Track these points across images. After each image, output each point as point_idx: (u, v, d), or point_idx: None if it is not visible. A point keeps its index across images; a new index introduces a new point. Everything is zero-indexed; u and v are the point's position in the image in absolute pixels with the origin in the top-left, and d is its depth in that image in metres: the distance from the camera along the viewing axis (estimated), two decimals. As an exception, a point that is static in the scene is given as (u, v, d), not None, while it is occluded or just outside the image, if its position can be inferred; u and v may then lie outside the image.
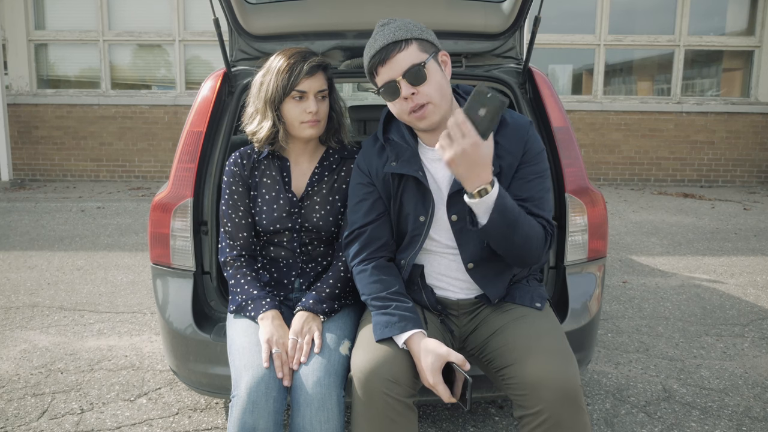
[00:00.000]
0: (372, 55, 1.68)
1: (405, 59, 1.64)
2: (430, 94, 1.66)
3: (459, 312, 1.83)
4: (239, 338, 1.79)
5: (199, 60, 9.19)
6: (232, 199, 2.01)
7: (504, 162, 1.75)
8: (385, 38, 1.66)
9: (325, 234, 2.01)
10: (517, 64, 2.56)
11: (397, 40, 1.65)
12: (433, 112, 1.68)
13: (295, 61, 1.88)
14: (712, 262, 4.77)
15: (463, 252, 1.77)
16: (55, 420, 2.41)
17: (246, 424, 1.59)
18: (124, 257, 4.86)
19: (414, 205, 1.78)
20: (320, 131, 1.96)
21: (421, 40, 1.68)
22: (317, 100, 1.90)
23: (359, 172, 1.87)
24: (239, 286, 1.93)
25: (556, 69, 9.28)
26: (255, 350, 1.72)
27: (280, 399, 1.64)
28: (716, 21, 9.11)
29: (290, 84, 1.86)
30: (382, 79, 1.68)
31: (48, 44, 9.14)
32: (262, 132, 1.92)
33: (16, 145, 9.00)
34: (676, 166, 9.00)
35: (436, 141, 1.76)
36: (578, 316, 2.13)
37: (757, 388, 2.70)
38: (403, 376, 1.57)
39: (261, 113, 1.92)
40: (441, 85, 1.69)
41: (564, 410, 1.50)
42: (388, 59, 1.65)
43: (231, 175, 2.02)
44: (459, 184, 1.71)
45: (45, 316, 3.55)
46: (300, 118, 1.90)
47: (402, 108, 1.69)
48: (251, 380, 1.63)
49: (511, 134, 1.77)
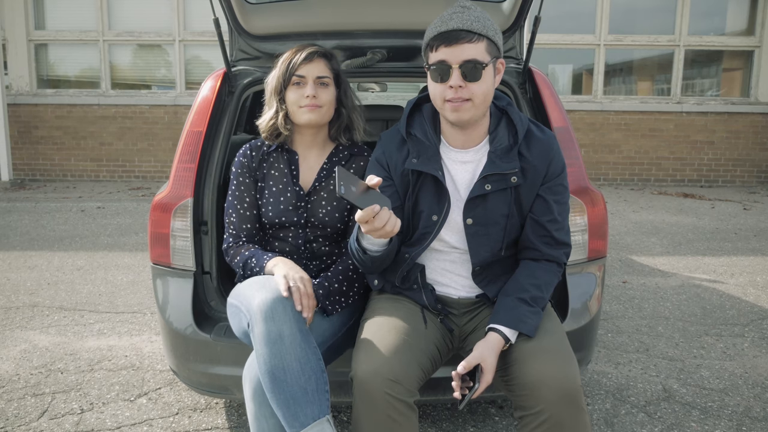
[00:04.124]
0: (441, 31, 1.65)
1: (470, 51, 1.63)
2: (476, 93, 1.66)
3: (459, 311, 1.83)
4: (248, 289, 1.76)
5: (199, 60, 9.19)
6: (238, 190, 2.03)
7: (527, 176, 1.75)
8: (462, 22, 1.64)
9: (330, 230, 2.01)
10: (517, 64, 2.56)
11: (473, 31, 1.63)
12: (468, 111, 1.68)
13: (295, 50, 1.96)
14: (712, 262, 4.77)
15: (474, 256, 1.77)
16: (55, 420, 2.41)
17: (271, 333, 1.57)
18: (124, 257, 4.86)
19: (429, 204, 1.77)
20: (320, 118, 1.96)
21: (491, 41, 1.67)
22: (316, 85, 1.94)
23: (376, 164, 1.84)
24: (240, 255, 1.95)
25: (556, 69, 9.28)
26: (265, 280, 1.71)
27: (299, 318, 1.62)
28: (716, 21, 9.11)
29: (289, 70, 1.92)
30: (437, 56, 1.66)
31: (48, 44, 9.13)
32: (266, 121, 2.00)
33: (16, 145, 8.99)
34: (676, 166, 9.00)
35: (460, 140, 1.78)
36: (578, 316, 2.13)
37: (757, 388, 2.70)
38: (405, 375, 1.57)
39: (268, 104, 2.00)
40: (488, 89, 1.69)
41: (564, 410, 1.50)
42: (455, 43, 1.63)
43: (239, 166, 2.05)
44: (478, 189, 1.72)
45: (45, 316, 3.55)
46: (298, 102, 1.94)
47: (442, 93, 1.68)
48: (264, 300, 1.62)
49: (536, 145, 1.77)
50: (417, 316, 1.78)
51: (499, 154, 1.74)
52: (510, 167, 1.72)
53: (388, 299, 1.83)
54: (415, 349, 1.65)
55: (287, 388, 1.53)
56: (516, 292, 1.70)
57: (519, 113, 1.81)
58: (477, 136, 1.78)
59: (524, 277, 1.75)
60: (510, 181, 1.73)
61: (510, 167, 1.72)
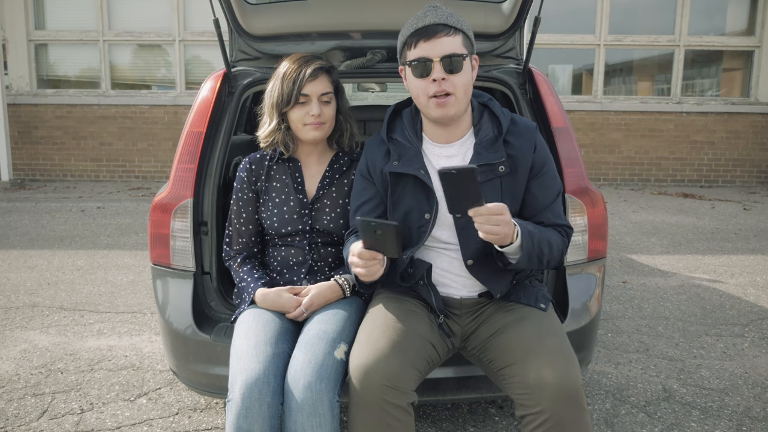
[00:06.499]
0: (418, 27, 1.68)
1: (449, 44, 1.67)
2: (458, 86, 1.68)
3: (462, 311, 1.83)
4: (239, 340, 1.80)
5: (199, 60, 9.19)
6: (237, 204, 2.09)
7: (516, 162, 1.77)
8: (437, 17, 1.68)
9: (336, 236, 2.03)
10: (517, 64, 2.56)
11: (449, 24, 1.68)
12: (452, 105, 1.70)
13: (298, 66, 1.94)
14: (712, 262, 4.77)
15: (464, 248, 1.78)
16: (55, 420, 2.41)
17: (240, 429, 1.59)
18: (124, 257, 4.86)
19: (418, 203, 1.79)
20: (324, 134, 2.00)
21: (466, 36, 1.72)
22: (321, 103, 1.95)
23: (361, 179, 1.90)
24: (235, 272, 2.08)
25: (556, 69, 9.28)
26: (251, 353, 1.71)
27: (275, 404, 1.63)
28: (716, 21, 9.11)
29: (294, 91, 1.92)
30: (417, 53, 1.68)
31: (48, 44, 9.13)
32: (266, 134, 2.01)
33: (16, 145, 8.99)
34: (676, 166, 9.00)
35: (443, 137, 1.80)
36: (578, 317, 2.14)
37: (757, 388, 2.70)
38: (401, 379, 1.57)
39: (269, 116, 2.01)
40: (468, 82, 1.72)
41: (566, 410, 1.51)
42: (433, 37, 1.66)
43: (239, 181, 2.09)
44: None
45: (45, 316, 3.55)
46: (303, 120, 1.96)
47: (425, 89, 1.70)
48: (245, 385, 1.63)
49: (521, 134, 1.80)
50: (416, 315, 1.78)
51: (485, 145, 1.77)
52: (496, 157, 1.75)
53: (389, 299, 1.84)
54: (410, 349, 1.65)
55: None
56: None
57: (500, 107, 1.85)
58: (460, 131, 1.81)
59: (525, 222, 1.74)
60: (498, 171, 1.75)
61: (496, 157, 1.75)
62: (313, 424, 1.59)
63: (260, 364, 1.67)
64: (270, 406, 1.62)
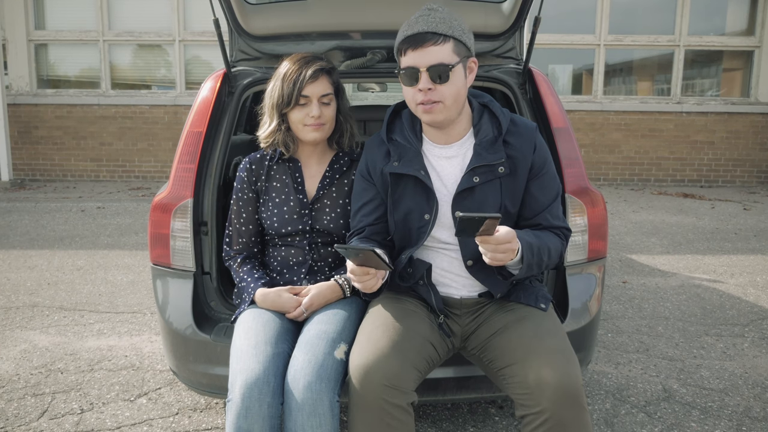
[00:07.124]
0: (408, 35, 1.67)
1: (436, 54, 1.65)
2: (445, 95, 1.67)
3: (462, 311, 1.83)
4: (239, 340, 1.80)
5: (199, 60, 9.19)
6: (237, 204, 2.09)
7: (516, 162, 1.77)
8: (426, 25, 1.65)
9: (336, 236, 2.04)
10: (517, 64, 2.56)
11: (437, 32, 1.65)
12: (440, 112, 1.70)
13: (298, 67, 1.94)
14: (712, 262, 4.77)
15: (464, 248, 1.78)
16: (55, 420, 2.41)
17: (240, 429, 1.60)
18: (124, 257, 4.86)
19: (418, 203, 1.79)
20: (325, 135, 2.01)
21: (459, 41, 1.68)
22: (321, 104, 1.95)
23: (361, 180, 1.90)
24: (235, 272, 2.08)
25: (556, 69, 9.28)
26: (251, 353, 1.72)
27: (275, 404, 1.63)
28: (716, 21, 9.11)
29: (295, 93, 1.92)
30: (406, 62, 1.68)
31: (48, 44, 9.13)
32: (266, 134, 2.01)
33: (16, 145, 8.99)
34: (676, 166, 9.00)
35: (442, 138, 1.81)
36: (578, 317, 2.14)
37: (757, 388, 2.70)
38: (401, 379, 1.57)
39: (269, 116, 2.01)
40: (459, 90, 1.70)
41: (566, 410, 1.51)
42: (420, 46, 1.65)
43: (239, 181, 2.09)
44: (466, 182, 1.75)
45: (45, 316, 3.55)
46: (303, 121, 1.96)
47: (414, 97, 1.70)
48: (245, 385, 1.63)
49: (521, 134, 1.80)
50: (416, 315, 1.78)
51: (485, 146, 1.77)
52: (496, 158, 1.75)
53: (389, 298, 1.84)
54: (410, 349, 1.65)
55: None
56: None
57: (500, 107, 1.85)
58: (459, 132, 1.81)
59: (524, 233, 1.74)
60: (498, 172, 1.75)
61: (496, 158, 1.75)
62: (313, 424, 1.60)
63: (260, 364, 1.67)
64: (270, 406, 1.62)
